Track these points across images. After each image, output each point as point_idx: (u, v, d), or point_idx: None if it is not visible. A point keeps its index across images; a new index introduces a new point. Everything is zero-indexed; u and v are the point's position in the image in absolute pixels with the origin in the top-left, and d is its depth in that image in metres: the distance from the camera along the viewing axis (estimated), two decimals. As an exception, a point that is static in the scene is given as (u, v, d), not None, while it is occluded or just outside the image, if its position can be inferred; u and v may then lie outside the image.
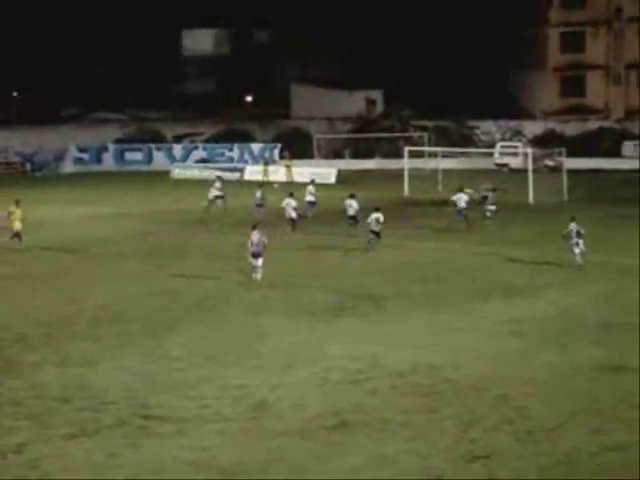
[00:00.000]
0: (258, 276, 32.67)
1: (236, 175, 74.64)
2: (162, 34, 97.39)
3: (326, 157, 79.66)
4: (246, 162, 79.90)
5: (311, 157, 78.02)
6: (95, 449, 17.70)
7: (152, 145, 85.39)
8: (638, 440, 17.10)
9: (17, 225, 40.71)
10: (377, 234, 38.69)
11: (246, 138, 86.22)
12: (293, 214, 44.63)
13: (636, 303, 28.24)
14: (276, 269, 34.55)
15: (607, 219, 47.61)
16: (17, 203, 41.51)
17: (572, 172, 58.87)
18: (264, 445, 17.82)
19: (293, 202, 45.18)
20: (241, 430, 18.66)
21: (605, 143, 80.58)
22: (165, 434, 18.44)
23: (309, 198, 50.60)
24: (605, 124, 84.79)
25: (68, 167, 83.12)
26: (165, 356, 23.80)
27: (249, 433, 18.48)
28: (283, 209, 44.81)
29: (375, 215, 38.82)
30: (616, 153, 79.82)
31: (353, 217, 43.22)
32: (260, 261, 32.69)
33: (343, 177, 70.04)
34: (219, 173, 63.38)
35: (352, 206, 43.39)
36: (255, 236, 32.94)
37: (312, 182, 52.63)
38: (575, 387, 20.25)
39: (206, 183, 57.63)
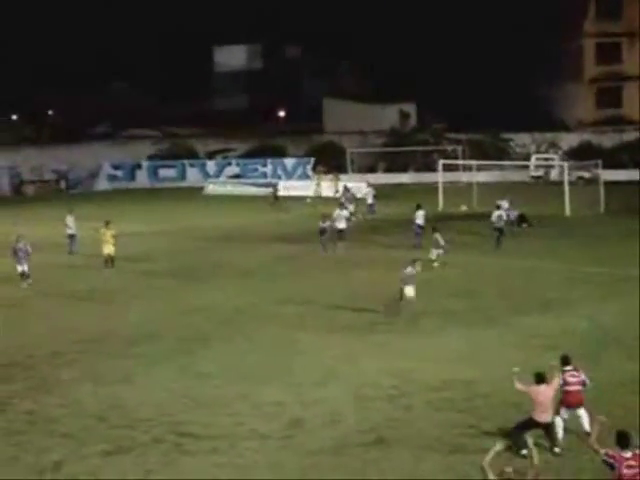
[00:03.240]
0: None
1: (269, 191, 74.70)
2: (194, 50, 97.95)
3: (359, 171, 79.58)
4: (279, 177, 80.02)
5: (345, 171, 77.96)
6: (130, 467, 17.70)
7: (185, 161, 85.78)
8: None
9: (107, 248, 39.61)
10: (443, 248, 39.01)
11: (279, 153, 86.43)
12: (342, 225, 44.37)
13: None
14: (315, 284, 34.47)
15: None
16: (107, 224, 40.06)
17: (608, 184, 58.40)
18: (300, 463, 17.74)
19: (344, 213, 45.23)
20: (276, 448, 18.58)
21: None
22: (200, 452, 18.39)
23: (370, 201, 52.61)
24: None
25: (102, 184, 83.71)
26: (199, 373, 23.75)
27: (284, 451, 18.40)
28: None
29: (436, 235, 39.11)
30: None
31: (421, 227, 43.31)
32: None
33: (378, 191, 69.81)
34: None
35: (419, 217, 43.92)
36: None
37: (368, 184, 54.81)
38: (611, 403, 19.95)
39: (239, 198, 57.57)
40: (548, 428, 17.75)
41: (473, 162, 67.07)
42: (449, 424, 19.41)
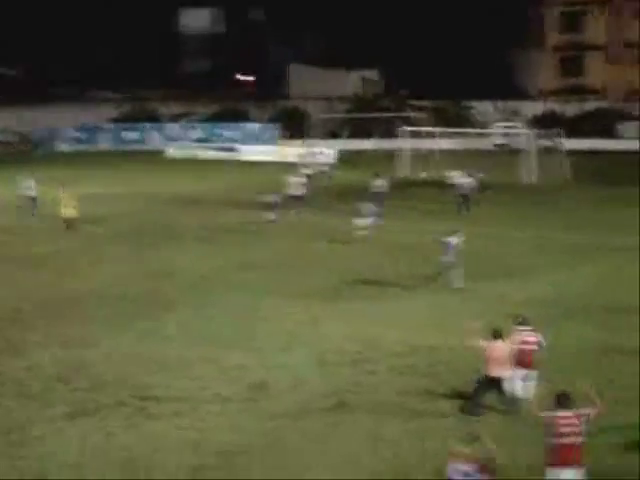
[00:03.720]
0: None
1: (232, 155, 74.61)
2: (159, 12, 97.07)
3: (323, 137, 79.48)
4: (243, 142, 79.80)
5: (308, 137, 77.85)
6: (93, 429, 17.71)
7: (148, 124, 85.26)
8: (629, 424, 17.13)
9: (67, 211, 39.47)
10: None
11: (243, 118, 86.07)
12: (298, 192, 44.52)
13: (635, 285, 28.28)
14: (275, 250, 34.57)
15: (605, 200, 47.65)
16: (66, 187, 40.08)
17: (571, 153, 58.86)
18: (262, 426, 17.83)
19: (300, 179, 45.41)
20: (239, 411, 18.67)
21: (603, 123, 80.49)
22: (163, 415, 18.44)
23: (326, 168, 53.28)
24: (603, 104, 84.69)
25: (65, 147, 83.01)
26: (163, 337, 23.76)
27: (247, 414, 18.48)
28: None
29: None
30: (614, 133, 79.82)
31: (377, 194, 43.59)
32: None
33: (341, 157, 69.94)
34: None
35: (379, 185, 43.95)
36: None
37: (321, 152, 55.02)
38: (573, 370, 20.23)
39: (202, 162, 57.48)
40: (500, 384, 17.90)
41: (436, 129, 67.22)
42: (411, 389, 19.57)
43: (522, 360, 18.47)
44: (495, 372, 17.81)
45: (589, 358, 21.45)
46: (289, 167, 54.44)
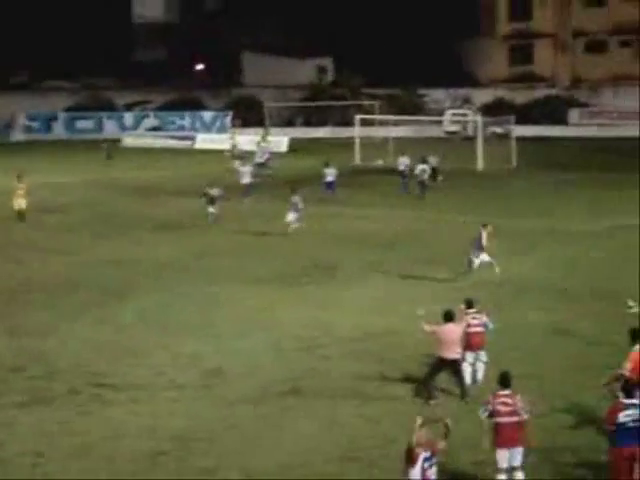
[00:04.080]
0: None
1: (187, 143, 74.47)
2: (113, 1, 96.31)
3: (278, 125, 79.48)
4: (197, 130, 79.64)
5: (262, 125, 77.80)
6: (47, 417, 17.76)
7: (102, 113, 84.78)
8: (581, 402, 17.53)
9: (18, 203, 38.97)
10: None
11: (197, 106, 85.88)
12: (246, 180, 44.83)
13: (584, 268, 28.82)
14: (230, 238, 34.72)
15: (555, 186, 48.25)
16: (19, 178, 39.54)
17: (520, 139, 59.42)
18: (217, 412, 18.00)
19: (246, 168, 45.68)
20: (194, 397, 18.81)
21: (552, 111, 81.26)
22: (118, 402, 18.54)
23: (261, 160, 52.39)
24: (552, 92, 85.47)
25: (18, 135, 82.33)
26: (119, 325, 23.82)
27: (202, 400, 18.64)
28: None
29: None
30: (563, 120, 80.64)
31: (329, 183, 43.88)
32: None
33: (295, 145, 70.09)
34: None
35: (330, 173, 44.05)
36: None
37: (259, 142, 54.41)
38: (523, 352, 20.62)
39: (157, 151, 57.34)
40: (455, 367, 18.22)
41: (389, 117, 67.55)
42: (366, 374, 19.80)
43: (468, 342, 18.82)
44: (448, 354, 18.12)
45: (534, 340, 21.83)
46: (243, 155, 54.60)
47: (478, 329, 18.87)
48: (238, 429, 17.20)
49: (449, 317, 18.33)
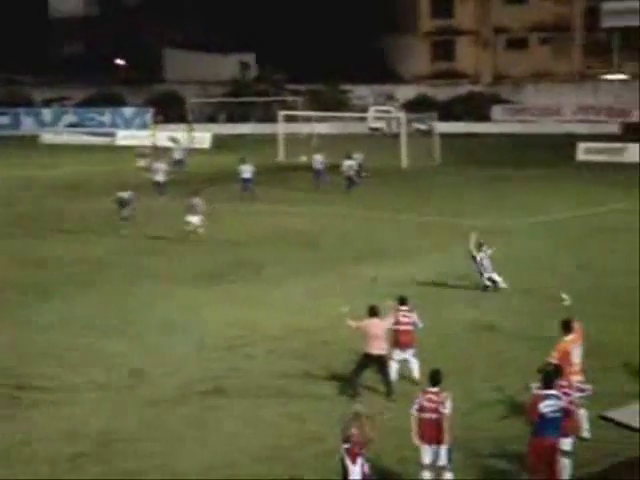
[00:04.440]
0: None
1: (108, 140, 73.58)
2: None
3: (200, 121, 78.90)
4: (118, 127, 78.72)
5: (185, 121, 77.20)
6: (-34, 421, 17.34)
7: (20, 109, 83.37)
8: (507, 396, 17.57)
9: None
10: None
11: (118, 102, 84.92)
12: (160, 177, 44.32)
13: (509, 263, 28.97)
14: (152, 237, 34.28)
15: (479, 182, 48.61)
16: None
17: (444, 136, 59.75)
18: (140, 412, 17.72)
19: (162, 165, 45.19)
20: (116, 398, 18.50)
21: (475, 107, 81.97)
22: (39, 404, 18.15)
23: (179, 156, 51.80)
24: (475, 88, 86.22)
25: None
26: (39, 325, 23.36)
27: (124, 401, 18.33)
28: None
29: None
30: (485, 117, 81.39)
31: (246, 180, 43.42)
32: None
33: (218, 142, 69.69)
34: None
35: (246, 170, 43.58)
36: None
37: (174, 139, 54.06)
38: (449, 348, 20.64)
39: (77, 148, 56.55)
40: (381, 363, 18.11)
41: (313, 113, 67.48)
42: (290, 372, 19.65)
43: (396, 340, 18.74)
44: (374, 350, 18.01)
45: (461, 337, 21.88)
46: (163, 152, 54.06)
47: (408, 327, 18.80)
48: (161, 430, 16.93)
49: (373, 312, 18.22)
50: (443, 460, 13.94)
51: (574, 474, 14.25)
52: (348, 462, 12.38)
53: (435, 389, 14.18)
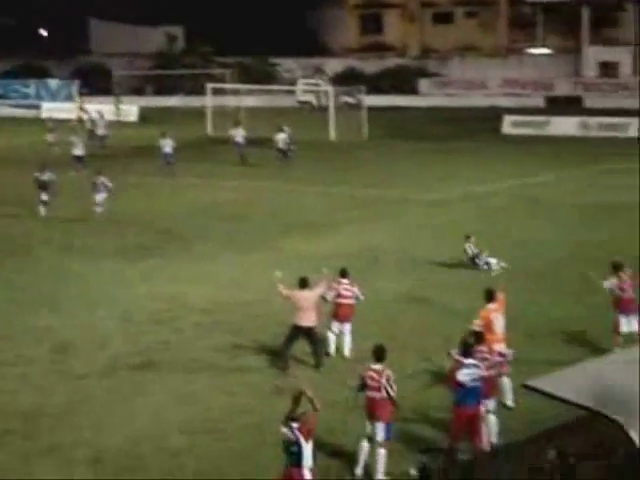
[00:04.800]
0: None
1: (33, 112, 72.44)
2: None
3: (127, 94, 78.03)
4: (43, 99, 77.51)
5: (112, 94, 76.29)
6: None
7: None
8: (432, 368, 17.77)
9: None
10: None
11: (43, 74, 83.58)
12: (79, 151, 43.70)
13: (436, 236, 29.28)
14: (79, 210, 33.88)
15: (407, 155, 48.85)
16: None
17: (372, 109, 59.86)
18: (67, 387, 17.60)
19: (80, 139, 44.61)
20: (43, 372, 18.35)
21: (402, 80, 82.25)
22: (-37, 379, 17.94)
23: (102, 131, 50.90)
24: (402, 62, 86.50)
25: None
26: (-38, 300, 23.05)
27: (51, 375, 18.19)
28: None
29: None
30: (413, 90, 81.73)
31: (166, 154, 42.94)
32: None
33: (145, 115, 69.02)
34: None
35: (166, 144, 43.15)
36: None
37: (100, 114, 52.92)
38: (379, 319, 20.76)
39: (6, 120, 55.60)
40: (310, 334, 18.15)
41: (241, 86, 67.13)
42: (219, 345, 19.65)
43: (335, 312, 18.78)
44: (303, 322, 18.07)
45: (393, 308, 22.04)
46: (85, 125, 53.43)
47: (349, 301, 18.82)
48: (90, 404, 16.86)
49: (304, 284, 18.26)
50: (380, 437, 13.93)
51: (499, 442, 14.49)
52: (302, 440, 12.22)
53: (378, 366, 14.14)
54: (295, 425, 12.21)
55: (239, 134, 47.36)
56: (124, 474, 14.30)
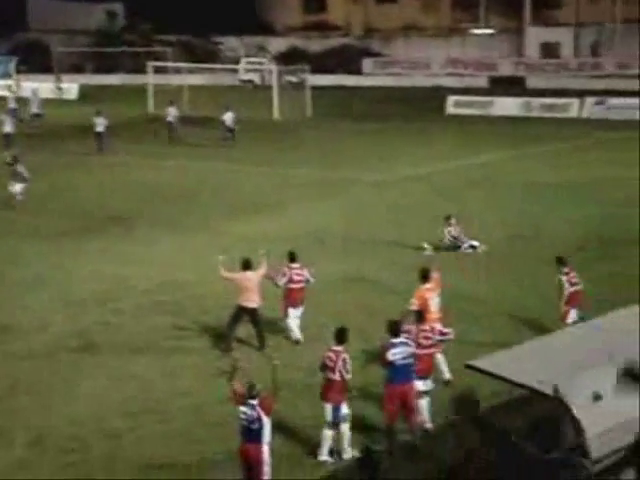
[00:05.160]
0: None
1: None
2: None
3: (67, 72, 77.09)
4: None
5: (50, 71, 75.28)
6: None
7: None
8: (371, 348, 17.76)
9: None
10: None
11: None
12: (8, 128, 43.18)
13: (378, 217, 29.26)
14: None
15: (350, 135, 48.80)
16: None
17: (315, 89, 59.72)
18: (6, 369, 17.37)
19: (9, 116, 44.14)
20: (-18, 355, 18.08)
21: (346, 60, 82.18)
22: None
23: (35, 109, 50.32)
24: (346, 41, 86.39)
25: None
26: None
27: (-9, 357, 17.94)
28: None
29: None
30: (357, 70, 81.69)
31: (99, 133, 42.33)
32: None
33: (85, 92, 68.21)
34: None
35: (100, 123, 42.53)
36: None
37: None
38: (320, 300, 20.68)
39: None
40: (254, 316, 18.06)
41: (183, 65, 66.60)
42: (161, 327, 19.49)
43: (289, 298, 18.57)
44: (247, 303, 17.95)
45: (334, 288, 21.97)
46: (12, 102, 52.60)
47: (300, 285, 18.68)
48: (29, 386, 16.63)
49: (247, 265, 18.14)
50: (333, 417, 13.86)
51: (443, 422, 14.51)
52: (263, 417, 12.32)
53: (339, 347, 14.07)
54: (255, 402, 12.39)
55: (171, 113, 46.62)
56: (65, 456, 14.15)
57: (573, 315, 18.02)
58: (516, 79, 73.31)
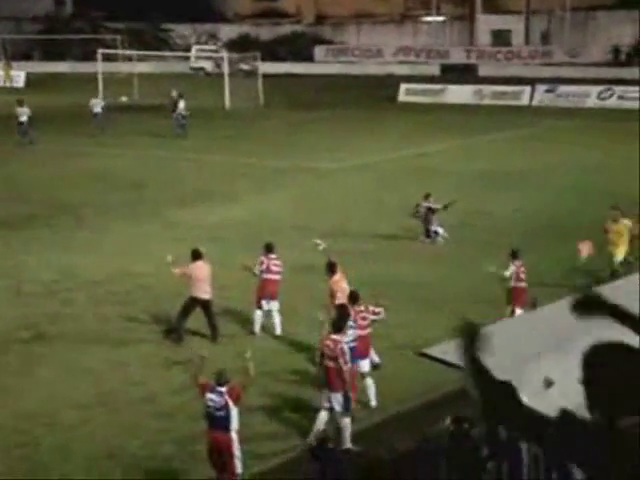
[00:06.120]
0: None
1: None
2: None
3: (13, 59, 76.11)
4: None
5: (-1, 59, 74.36)
6: None
7: None
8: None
9: None
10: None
11: None
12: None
13: (328, 206, 29.22)
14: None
15: (302, 123, 48.69)
16: None
17: (267, 77, 59.47)
18: (-46, 362, 17.11)
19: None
20: None
21: (298, 47, 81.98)
22: None
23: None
24: (298, 28, 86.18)
25: None
26: None
27: (-62, 351, 17.65)
28: None
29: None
30: (308, 57, 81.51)
31: (22, 123, 41.19)
32: None
33: (33, 80, 67.44)
34: None
35: (23, 113, 41.49)
36: None
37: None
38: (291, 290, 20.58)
39: None
40: (207, 307, 17.96)
41: (133, 52, 66.03)
42: (112, 317, 19.33)
43: (262, 289, 18.34)
44: (199, 293, 17.83)
45: (284, 277, 21.86)
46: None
47: (276, 276, 18.47)
48: (-23, 379, 16.37)
49: (197, 255, 18.02)
50: (336, 406, 13.78)
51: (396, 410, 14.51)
52: (230, 404, 12.34)
53: (336, 336, 14.00)
54: (223, 389, 12.42)
55: (98, 104, 45.71)
56: (15, 450, 13.97)
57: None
58: (468, 67, 73.58)
